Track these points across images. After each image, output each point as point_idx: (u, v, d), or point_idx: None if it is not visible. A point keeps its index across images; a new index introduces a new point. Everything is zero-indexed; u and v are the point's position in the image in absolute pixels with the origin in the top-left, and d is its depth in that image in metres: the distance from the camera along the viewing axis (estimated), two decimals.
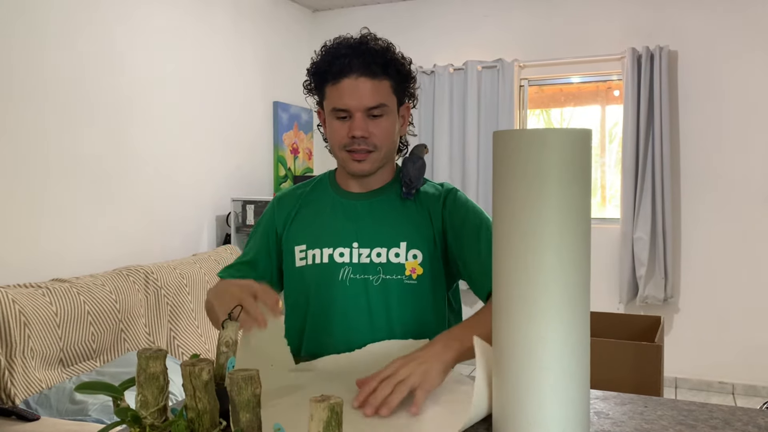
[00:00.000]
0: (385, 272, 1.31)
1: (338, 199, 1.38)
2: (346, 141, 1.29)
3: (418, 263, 1.31)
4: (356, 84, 1.26)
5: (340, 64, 1.26)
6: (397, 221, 1.34)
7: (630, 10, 4.01)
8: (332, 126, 1.31)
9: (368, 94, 1.26)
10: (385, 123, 1.30)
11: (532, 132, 0.85)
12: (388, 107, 1.30)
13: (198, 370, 0.74)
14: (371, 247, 1.32)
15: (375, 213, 1.35)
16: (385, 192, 1.38)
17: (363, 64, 1.26)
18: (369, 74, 1.26)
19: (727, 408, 1.02)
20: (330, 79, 1.28)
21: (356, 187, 1.38)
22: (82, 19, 2.90)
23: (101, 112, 3.01)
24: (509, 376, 0.86)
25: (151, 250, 3.29)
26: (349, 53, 1.26)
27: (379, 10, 4.63)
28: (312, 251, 1.34)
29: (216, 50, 3.81)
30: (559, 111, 4.50)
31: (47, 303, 2.38)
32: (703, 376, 3.95)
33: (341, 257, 1.32)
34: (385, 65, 1.28)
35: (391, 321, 1.31)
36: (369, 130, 1.28)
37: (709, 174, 3.90)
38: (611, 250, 4.10)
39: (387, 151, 1.33)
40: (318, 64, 1.31)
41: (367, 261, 1.31)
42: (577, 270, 0.85)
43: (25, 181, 2.65)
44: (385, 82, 1.29)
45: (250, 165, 4.16)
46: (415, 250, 1.32)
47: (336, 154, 1.34)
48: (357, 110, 1.26)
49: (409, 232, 1.32)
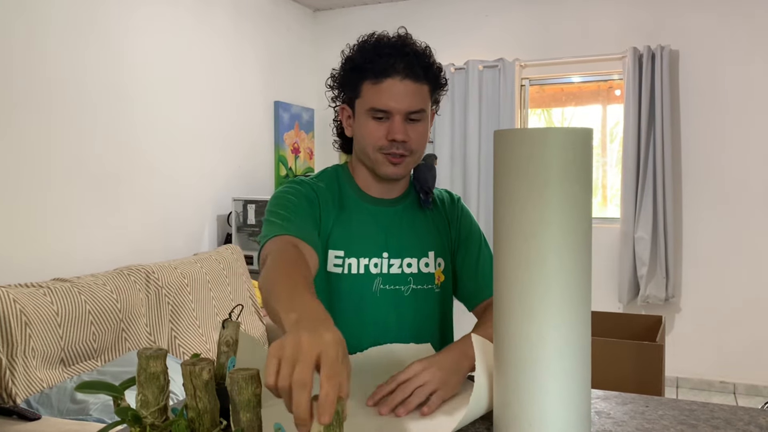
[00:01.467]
0: (415, 282, 1.30)
1: (365, 205, 1.32)
2: (383, 143, 1.24)
3: (442, 271, 1.33)
4: (400, 86, 1.22)
5: (384, 63, 1.21)
6: (423, 230, 1.34)
7: (631, 9, 4.01)
8: (367, 126, 1.25)
9: (411, 97, 1.22)
10: (422, 128, 1.27)
11: (533, 131, 0.85)
12: (425, 112, 1.26)
13: (198, 370, 0.74)
14: (401, 258, 1.30)
15: (402, 222, 1.33)
16: (406, 199, 1.36)
17: (407, 66, 1.22)
18: (413, 77, 1.22)
19: (728, 408, 1.01)
20: (371, 77, 1.23)
21: (379, 192, 1.33)
22: (83, 19, 2.90)
23: (103, 111, 3.01)
24: (510, 375, 0.86)
25: (152, 249, 3.29)
26: (393, 53, 1.22)
27: (380, 10, 4.63)
28: (348, 260, 1.28)
29: (217, 50, 3.81)
30: (560, 110, 4.50)
31: (48, 302, 2.38)
32: (705, 375, 3.94)
33: (375, 268, 1.29)
34: (426, 69, 1.25)
35: (420, 330, 1.31)
36: (408, 134, 1.24)
37: (710, 173, 3.90)
38: (612, 250, 4.10)
39: (419, 156, 1.30)
40: (356, 59, 1.25)
41: (398, 272, 1.29)
42: (578, 269, 0.84)
43: (26, 181, 2.65)
44: (425, 86, 1.26)
45: (251, 165, 4.16)
46: (440, 258, 1.33)
47: (368, 155, 1.27)
48: (398, 113, 1.22)
49: (435, 241, 1.33)
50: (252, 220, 3.79)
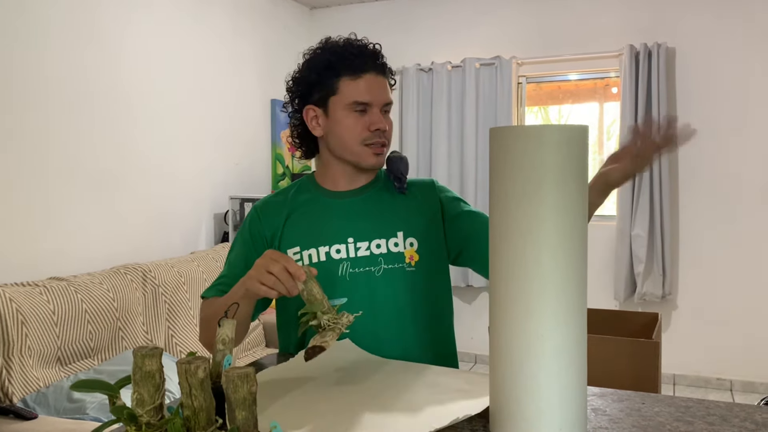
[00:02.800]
0: (386, 262, 1.34)
1: (327, 200, 1.40)
2: (366, 134, 1.33)
3: (415, 250, 1.36)
4: (377, 80, 1.34)
5: (361, 60, 1.33)
6: (390, 213, 1.39)
7: (628, 7, 4.01)
8: (348, 120, 1.33)
9: (385, 90, 1.35)
10: (390, 120, 1.39)
11: (529, 128, 0.85)
12: (392, 105, 1.39)
13: (194, 368, 0.74)
14: (369, 240, 1.34)
15: (367, 208, 1.39)
16: (371, 188, 1.42)
17: (377, 63, 1.35)
18: (383, 73, 1.36)
19: (724, 404, 1.02)
20: (349, 74, 1.32)
21: (345, 185, 1.40)
22: (81, 19, 2.89)
23: (99, 110, 3.00)
24: (506, 372, 0.86)
25: (149, 248, 3.29)
26: (362, 52, 1.34)
27: (376, 8, 4.63)
28: (307, 251, 1.35)
29: (214, 48, 3.80)
30: (557, 108, 4.51)
31: (45, 301, 2.37)
32: (701, 372, 3.95)
33: (338, 254, 1.34)
34: (384, 65, 1.38)
35: (400, 309, 1.34)
36: (385, 125, 1.35)
37: (707, 171, 3.90)
38: (609, 247, 4.10)
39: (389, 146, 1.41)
40: (330, 59, 1.34)
41: (367, 253, 1.34)
42: (574, 267, 0.84)
43: (22, 180, 2.65)
44: (388, 81, 1.38)
45: (248, 163, 4.16)
46: (411, 238, 1.36)
47: (349, 149, 1.35)
48: (377, 104, 1.33)
49: (403, 222, 1.37)
50: None
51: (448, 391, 1.05)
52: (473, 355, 4.45)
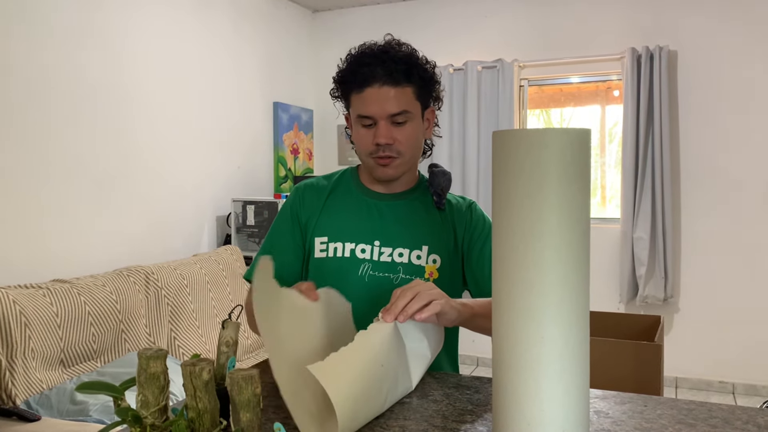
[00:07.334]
0: (405, 272, 1.34)
1: (362, 197, 1.41)
2: (372, 148, 1.32)
3: (436, 268, 1.36)
4: (379, 92, 1.28)
5: (364, 73, 1.29)
6: (419, 225, 1.38)
7: (629, 10, 4.02)
8: (358, 133, 1.34)
9: (391, 101, 1.29)
10: (409, 129, 1.32)
11: (531, 132, 0.85)
12: (411, 113, 1.32)
13: (198, 370, 0.74)
14: (393, 247, 1.35)
15: (399, 215, 1.39)
16: (408, 196, 1.42)
17: (386, 73, 1.28)
18: (391, 82, 1.29)
19: (726, 407, 1.02)
20: (354, 88, 1.31)
21: (381, 188, 1.41)
22: (83, 20, 2.90)
23: (102, 112, 3.01)
24: (509, 375, 0.86)
25: (152, 250, 3.30)
26: (372, 62, 1.29)
27: (378, 11, 4.64)
28: (333, 244, 1.36)
29: (216, 51, 3.81)
30: (559, 111, 4.51)
31: (48, 303, 2.38)
32: (703, 375, 3.95)
33: (362, 253, 1.35)
34: (407, 72, 1.30)
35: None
36: (393, 137, 1.30)
37: (709, 174, 3.90)
38: (611, 250, 4.10)
39: (411, 156, 1.36)
40: (343, 72, 1.34)
41: (389, 260, 1.34)
42: (577, 269, 0.85)
43: (26, 182, 2.65)
44: (408, 88, 1.31)
45: (251, 165, 4.16)
46: (435, 255, 1.36)
47: (363, 160, 1.37)
48: (381, 118, 1.29)
49: (430, 237, 1.37)
50: (251, 221, 3.79)
51: None
52: (475, 358, 4.45)
